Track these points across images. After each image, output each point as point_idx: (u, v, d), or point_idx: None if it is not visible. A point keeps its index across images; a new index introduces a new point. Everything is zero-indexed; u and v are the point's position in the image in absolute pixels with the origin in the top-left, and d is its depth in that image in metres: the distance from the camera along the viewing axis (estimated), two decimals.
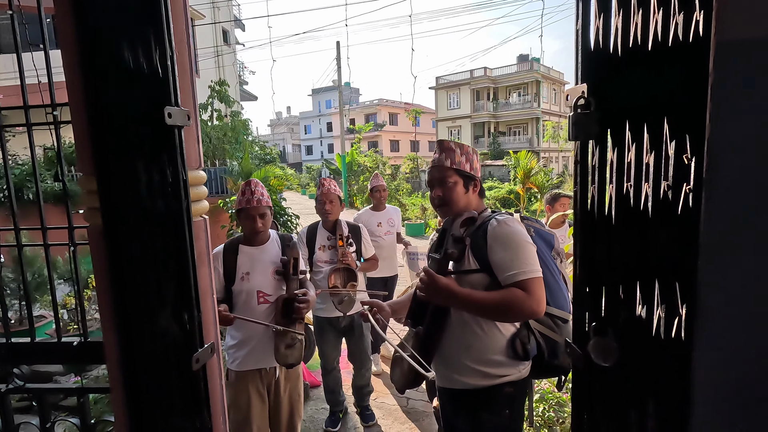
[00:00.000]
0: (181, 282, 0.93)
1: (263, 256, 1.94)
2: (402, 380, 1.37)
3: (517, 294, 1.17)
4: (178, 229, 0.91)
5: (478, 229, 1.30)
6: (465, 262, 1.29)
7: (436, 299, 1.25)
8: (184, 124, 0.91)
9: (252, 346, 1.90)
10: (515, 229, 1.25)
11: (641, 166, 0.78)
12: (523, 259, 1.20)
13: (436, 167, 1.40)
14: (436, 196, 1.40)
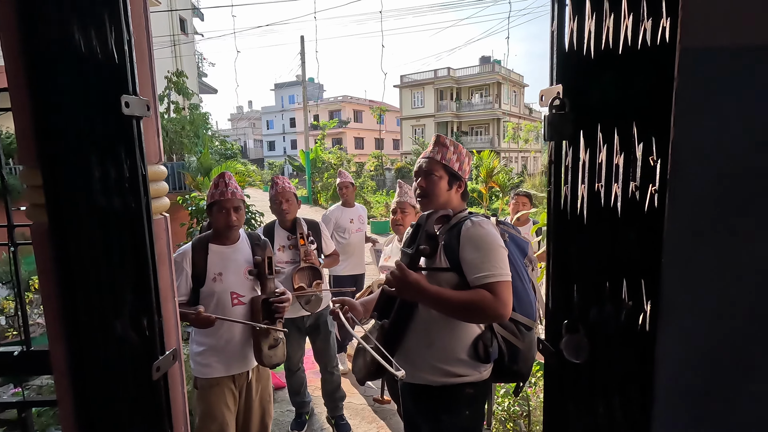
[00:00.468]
0: (140, 285, 0.86)
1: (236, 256, 1.85)
2: (363, 371, 1.38)
3: (485, 296, 1.17)
4: (136, 228, 0.85)
5: (453, 228, 1.31)
6: (436, 260, 1.29)
7: (404, 293, 1.24)
8: (143, 115, 0.85)
9: (224, 352, 1.80)
10: (488, 232, 1.26)
11: (612, 167, 0.79)
12: (494, 262, 1.21)
13: (426, 159, 1.41)
14: (419, 186, 1.40)
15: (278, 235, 2.50)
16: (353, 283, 3.43)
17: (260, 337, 1.77)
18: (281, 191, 2.46)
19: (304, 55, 16.16)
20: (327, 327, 2.58)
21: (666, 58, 0.72)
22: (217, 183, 1.82)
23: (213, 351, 1.79)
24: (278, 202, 2.46)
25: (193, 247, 1.81)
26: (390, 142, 40.41)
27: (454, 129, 31.52)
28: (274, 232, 2.51)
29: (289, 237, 2.50)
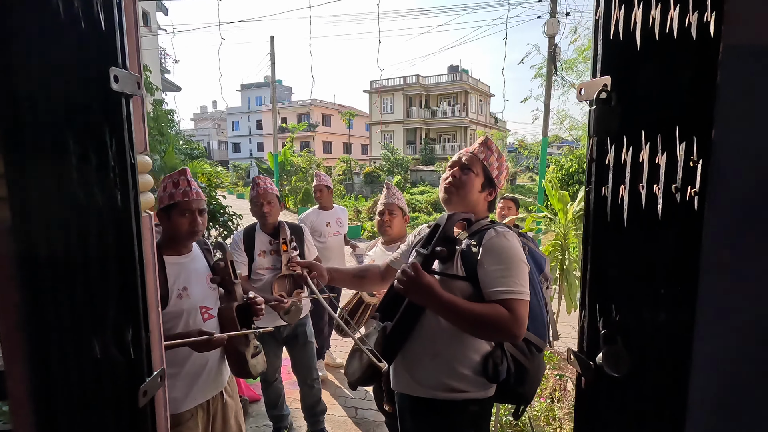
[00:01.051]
0: (125, 294, 0.73)
1: (195, 265, 1.63)
2: (357, 375, 1.26)
3: (501, 313, 1.09)
4: (123, 226, 0.71)
5: (474, 234, 1.23)
6: (452, 266, 1.21)
7: (414, 296, 1.15)
8: (134, 93, 0.72)
9: (200, 377, 1.58)
10: (513, 245, 1.18)
11: (654, 167, 0.75)
12: (515, 278, 1.13)
13: (468, 153, 1.35)
14: (452, 175, 1.32)
15: (259, 240, 2.33)
16: (331, 290, 3.30)
17: (242, 347, 1.60)
18: (263, 192, 2.30)
19: (274, 55, 15.82)
20: (306, 336, 2.44)
21: (710, 55, 0.68)
22: (177, 181, 1.55)
23: (185, 379, 1.55)
24: (259, 203, 2.30)
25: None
26: (358, 146, 40.32)
27: (422, 135, 31.87)
28: (255, 236, 2.34)
29: (270, 242, 2.34)
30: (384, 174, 24.28)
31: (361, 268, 1.59)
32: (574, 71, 11.62)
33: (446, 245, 1.18)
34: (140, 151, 0.88)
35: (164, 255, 1.56)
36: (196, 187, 1.60)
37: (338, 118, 35.73)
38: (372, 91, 33.42)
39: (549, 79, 7.84)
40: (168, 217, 1.55)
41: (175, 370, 1.55)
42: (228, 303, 1.65)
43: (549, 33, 7.29)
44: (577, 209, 2.52)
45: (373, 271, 1.57)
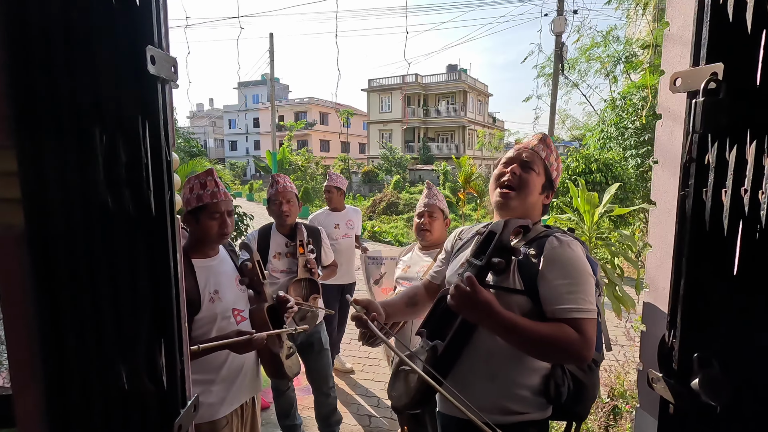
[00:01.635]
0: (159, 313, 0.62)
1: (223, 268, 1.57)
2: (405, 400, 1.14)
3: (569, 334, 0.99)
4: (157, 233, 0.61)
5: (531, 242, 1.11)
6: (507, 278, 1.09)
7: (470, 314, 1.03)
8: (170, 79, 0.62)
9: (235, 381, 1.52)
10: (579, 255, 1.07)
11: (760, 168, 0.65)
12: (582, 294, 1.02)
13: (529, 150, 1.21)
14: (511, 172, 1.17)
15: (274, 241, 2.22)
16: (341, 294, 3.20)
17: (276, 348, 1.55)
18: (282, 191, 2.19)
19: (272, 53, 15.66)
20: (321, 344, 2.33)
21: None
22: (204, 182, 1.49)
23: (222, 384, 1.49)
24: (278, 202, 2.18)
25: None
26: (356, 145, 40.17)
27: (421, 135, 31.77)
28: (270, 236, 2.23)
29: (287, 244, 2.23)
30: (382, 173, 24.16)
31: (409, 295, 1.43)
32: (576, 71, 11.57)
33: (503, 256, 1.06)
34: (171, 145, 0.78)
35: (192, 258, 1.50)
36: (224, 188, 1.54)
37: (336, 116, 35.57)
38: (370, 90, 33.28)
39: (555, 78, 7.76)
40: (196, 219, 1.49)
41: (211, 376, 1.49)
42: (259, 304, 1.60)
43: (556, 31, 7.21)
44: (603, 211, 2.44)
45: (420, 293, 1.44)
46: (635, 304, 2.14)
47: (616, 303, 2.11)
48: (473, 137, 31.52)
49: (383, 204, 15.26)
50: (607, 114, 8.08)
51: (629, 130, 6.99)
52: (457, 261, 1.30)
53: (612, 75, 11.00)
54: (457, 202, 9.52)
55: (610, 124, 7.46)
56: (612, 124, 7.36)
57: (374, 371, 3.41)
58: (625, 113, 7.19)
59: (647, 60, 9.83)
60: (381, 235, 11.08)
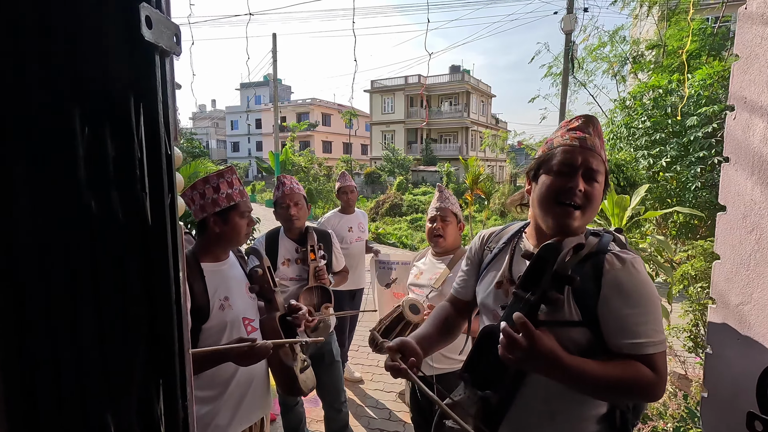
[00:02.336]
0: (157, 346, 0.49)
1: (233, 273, 1.46)
2: None
3: (644, 373, 0.85)
4: (154, 247, 0.48)
5: (585, 261, 0.91)
6: (563, 310, 0.91)
7: (529, 366, 0.86)
8: (172, 51, 0.49)
9: (244, 399, 1.39)
10: (646, 279, 0.91)
11: None
12: (653, 324, 0.88)
13: (590, 151, 0.94)
14: (575, 187, 0.92)
15: (283, 246, 2.09)
16: (351, 299, 3.07)
17: (289, 361, 1.42)
18: (289, 193, 2.05)
19: (276, 53, 15.56)
20: (332, 355, 2.19)
21: None
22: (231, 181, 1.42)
23: (230, 401, 1.36)
24: (285, 205, 2.04)
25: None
26: (358, 146, 40.07)
27: (423, 136, 31.64)
28: (278, 241, 2.09)
29: (297, 249, 2.09)
30: (385, 174, 24.05)
31: (439, 319, 1.24)
32: (583, 70, 11.43)
33: (558, 286, 0.86)
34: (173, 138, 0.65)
35: (202, 263, 1.39)
36: (241, 186, 1.45)
37: (338, 117, 35.47)
38: (372, 91, 33.21)
39: (565, 77, 7.63)
40: (225, 220, 1.38)
41: (217, 391, 1.36)
42: (270, 313, 1.49)
43: (566, 29, 7.07)
44: (630, 215, 2.30)
45: (451, 315, 1.26)
46: (668, 314, 2.01)
47: None
48: (476, 138, 31.37)
49: (386, 205, 15.14)
50: (616, 114, 7.94)
51: (640, 130, 6.84)
52: (490, 278, 1.12)
53: (620, 75, 10.87)
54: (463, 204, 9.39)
55: (620, 125, 7.32)
56: (622, 124, 7.21)
57: (384, 380, 3.27)
58: (635, 113, 7.05)
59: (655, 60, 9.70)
60: (385, 237, 10.96)
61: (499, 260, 1.11)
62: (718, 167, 5.73)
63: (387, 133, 32.72)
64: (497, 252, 1.14)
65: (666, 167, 6.38)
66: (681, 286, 2.67)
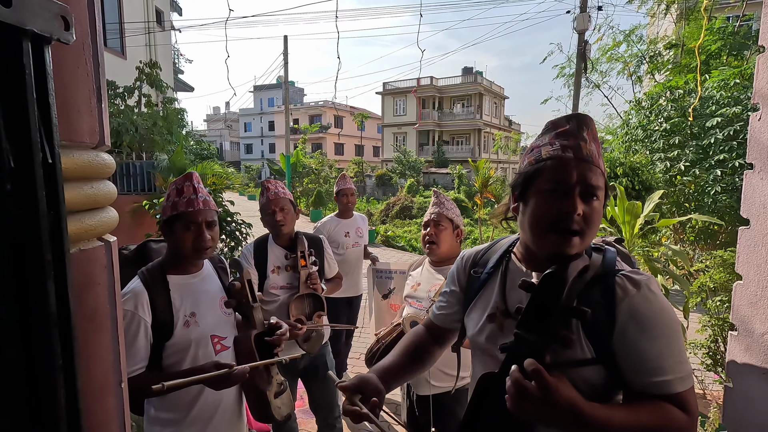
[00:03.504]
0: (36, 404, 0.40)
1: (206, 286, 1.36)
2: None
3: (676, 417, 0.73)
4: (31, 276, 0.39)
5: (593, 287, 0.78)
6: (574, 348, 0.77)
7: (546, 420, 0.71)
8: (55, 36, 0.40)
9: (212, 421, 1.30)
10: (664, 304, 0.77)
11: None
12: (677, 356, 0.75)
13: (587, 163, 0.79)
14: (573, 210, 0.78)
15: (272, 254, 2.00)
16: (348, 307, 2.98)
17: (263, 384, 1.31)
18: (274, 198, 1.95)
19: (287, 55, 15.61)
20: (326, 367, 2.08)
21: None
22: (181, 188, 1.29)
23: (193, 426, 1.28)
24: (271, 211, 1.95)
25: (145, 283, 1.25)
26: (370, 148, 40.06)
27: (435, 138, 31.47)
28: (267, 249, 2.01)
29: (287, 256, 1.99)
30: (396, 176, 23.94)
31: (410, 347, 1.10)
32: (597, 71, 11.18)
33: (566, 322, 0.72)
34: (89, 144, 0.56)
35: (168, 275, 1.30)
36: (204, 195, 1.32)
37: (350, 119, 35.52)
38: (384, 93, 33.20)
39: (578, 77, 7.43)
40: (171, 230, 1.29)
41: (179, 414, 1.28)
42: (245, 331, 1.37)
43: (579, 28, 6.88)
44: (642, 222, 2.16)
45: (424, 343, 1.12)
46: (684, 329, 1.87)
47: None
48: (489, 140, 31.06)
49: (397, 208, 15.02)
50: (632, 116, 7.70)
51: (657, 132, 6.61)
52: (480, 310, 0.97)
53: (636, 75, 10.59)
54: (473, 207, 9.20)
55: (636, 126, 7.09)
56: (638, 126, 6.99)
57: None
58: (652, 114, 6.82)
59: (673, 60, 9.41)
60: (394, 240, 10.85)
61: (489, 288, 0.97)
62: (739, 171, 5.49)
63: (398, 134, 32.64)
64: (485, 278, 0.98)
65: (684, 171, 6.14)
66: (698, 298, 2.51)
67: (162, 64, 8.39)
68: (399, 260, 8.24)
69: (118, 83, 7.25)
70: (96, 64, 0.57)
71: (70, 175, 0.52)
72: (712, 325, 2.10)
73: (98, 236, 0.59)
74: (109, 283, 0.60)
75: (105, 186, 0.60)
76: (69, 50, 0.50)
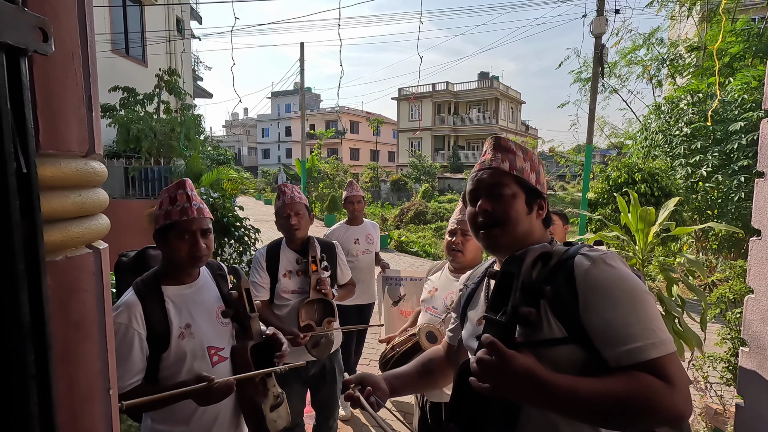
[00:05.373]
0: None
1: (202, 296, 1.35)
2: None
3: (650, 383, 0.70)
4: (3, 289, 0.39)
5: (556, 270, 0.82)
6: (542, 328, 0.80)
7: (509, 391, 0.74)
8: (31, 48, 0.40)
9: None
10: (624, 272, 0.79)
11: None
12: (646, 323, 0.74)
13: (487, 170, 0.94)
14: (481, 210, 0.92)
15: (284, 257, 2.01)
16: (359, 315, 2.96)
17: (258, 397, 1.30)
18: (289, 202, 1.97)
19: (303, 62, 15.80)
20: (334, 375, 2.09)
21: None
22: (174, 196, 1.28)
23: None
24: (285, 215, 1.97)
25: (139, 295, 1.23)
26: (385, 154, 40.16)
27: (450, 143, 31.37)
28: (280, 252, 2.02)
29: (298, 260, 2.01)
30: (411, 181, 23.92)
31: (422, 361, 1.17)
32: (616, 75, 10.99)
33: (531, 301, 0.77)
34: (76, 151, 0.57)
35: (163, 286, 1.29)
36: (198, 203, 1.30)
37: (366, 125, 35.71)
38: (400, 98, 33.29)
39: (595, 82, 7.30)
40: (164, 240, 1.27)
41: (177, 427, 1.27)
42: (242, 342, 1.36)
43: (596, 32, 6.77)
44: (658, 230, 2.09)
45: (437, 360, 1.18)
46: (701, 342, 1.79)
47: (677, 340, 1.75)
48: None
49: (411, 213, 14.99)
50: (651, 120, 7.53)
51: (678, 137, 6.44)
52: (473, 316, 1.02)
53: (656, 79, 10.36)
54: None
55: (656, 131, 6.92)
56: (659, 130, 6.82)
57: (392, 400, 3.14)
58: (672, 119, 6.65)
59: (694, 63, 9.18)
60: (408, 245, 10.81)
61: (477, 297, 1.04)
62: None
63: (414, 140, 32.65)
64: (473, 288, 1.06)
65: (706, 177, 5.96)
66: (717, 309, 2.41)
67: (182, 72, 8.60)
68: (412, 266, 8.20)
69: (139, 90, 7.45)
70: (87, 73, 0.58)
71: (56, 183, 0.52)
72: (732, 338, 2.01)
73: (87, 243, 0.59)
74: (98, 291, 0.60)
75: (95, 194, 0.61)
76: (57, 60, 0.51)
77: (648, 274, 2.17)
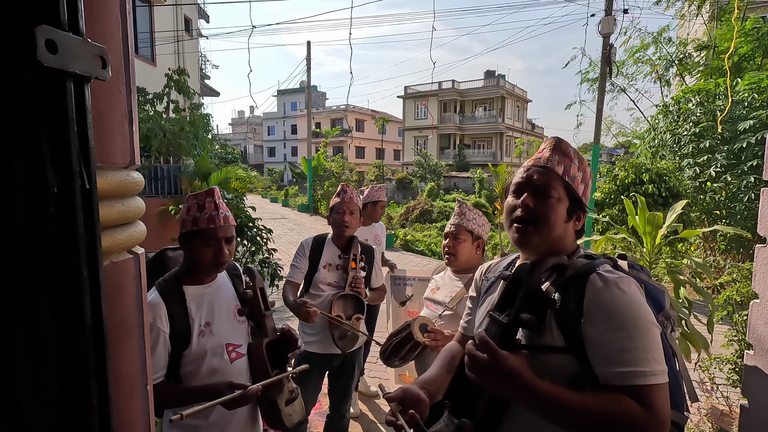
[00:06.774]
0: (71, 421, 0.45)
1: (220, 296, 1.40)
2: None
3: (628, 408, 0.73)
4: (67, 294, 0.43)
5: (570, 283, 0.85)
6: (544, 334, 0.84)
7: (494, 387, 0.81)
8: (90, 74, 0.44)
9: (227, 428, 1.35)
10: (633, 298, 0.81)
11: None
12: (643, 351, 0.77)
13: (541, 169, 0.94)
14: (523, 205, 0.93)
15: (328, 251, 2.13)
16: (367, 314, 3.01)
17: (274, 393, 1.35)
18: (348, 201, 2.10)
19: (309, 60, 15.86)
20: (353, 370, 2.19)
21: None
22: (203, 203, 1.31)
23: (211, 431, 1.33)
24: (342, 211, 2.09)
25: (163, 295, 1.28)
26: (391, 152, 40.16)
27: (456, 141, 31.31)
28: (324, 245, 2.14)
29: (340, 256, 2.12)
30: (416, 180, 23.92)
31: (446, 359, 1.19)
32: (623, 74, 10.93)
33: (536, 308, 0.81)
34: (121, 164, 0.61)
35: (185, 286, 1.34)
36: (225, 211, 1.35)
37: (371, 123, 35.72)
38: (406, 97, 33.27)
39: (603, 82, 7.28)
40: (190, 244, 1.33)
41: (198, 422, 1.32)
42: (258, 339, 1.42)
43: (604, 32, 6.75)
44: (666, 233, 2.10)
45: (457, 354, 1.20)
46: (708, 344, 1.82)
47: (683, 342, 1.78)
48: (511, 144, 30.72)
49: (417, 212, 15.01)
50: (659, 120, 7.50)
51: (686, 137, 6.41)
52: (484, 308, 1.06)
53: (664, 79, 10.30)
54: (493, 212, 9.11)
55: (664, 131, 6.89)
56: (667, 130, 6.79)
57: None
58: (681, 119, 6.62)
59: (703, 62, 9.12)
60: (414, 244, 10.83)
61: (494, 290, 1.06)
62: None
63: (419, 138, 32.63)
64: (493, 281, 1.09)
65: (715, 177, 5.93)
66: (725, 312, 2.42)
67: (189, 70, 8.67)
68: (418, 265, 8.22)
69: (148, 89, 7.53)
70: (128, 90, 0.62)
71: (104, 194, 0.57)
72: (739, 340, 2.03)
73: (128, 249, 0.63)
74: (137, 293, 0.65)
75: (135, 202, 0.65)
76: (106, 81, 0.55)
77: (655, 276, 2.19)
